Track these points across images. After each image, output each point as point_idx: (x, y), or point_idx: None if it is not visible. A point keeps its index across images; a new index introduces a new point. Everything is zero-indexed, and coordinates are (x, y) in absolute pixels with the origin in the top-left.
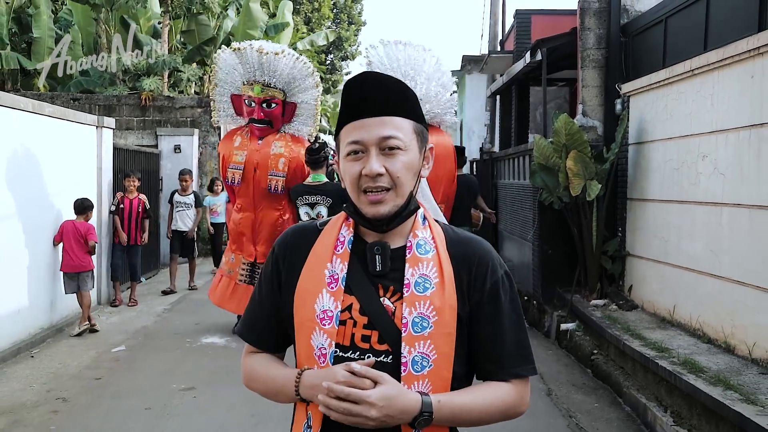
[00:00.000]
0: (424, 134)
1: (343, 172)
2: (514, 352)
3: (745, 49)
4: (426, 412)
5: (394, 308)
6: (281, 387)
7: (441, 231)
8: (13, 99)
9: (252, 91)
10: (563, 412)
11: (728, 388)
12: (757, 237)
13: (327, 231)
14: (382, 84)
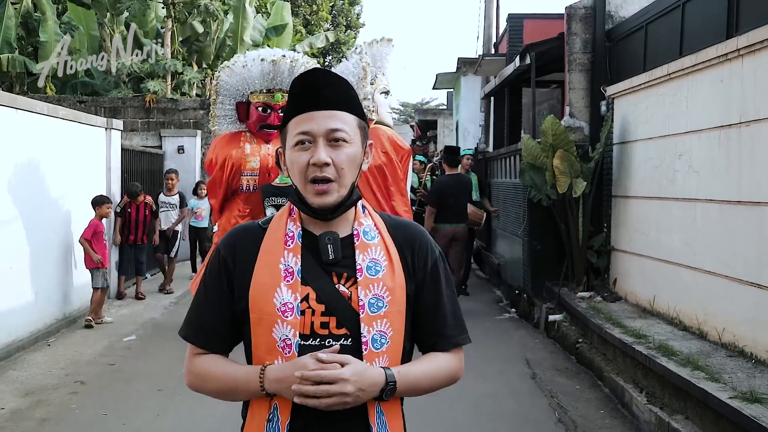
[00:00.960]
0: (365, 130)
1: (290, 162)
2: (453, 324)
3: (715, 55)
4: (390, 382)
5: (350, 293)
6: (241, 384)
7: (380, 218)
8: (29, 102)
9: (272, 99)
10: (546, 394)
11: (696, 369)
12: (727, 230)
13: (273, 228)
14: (331, 80)
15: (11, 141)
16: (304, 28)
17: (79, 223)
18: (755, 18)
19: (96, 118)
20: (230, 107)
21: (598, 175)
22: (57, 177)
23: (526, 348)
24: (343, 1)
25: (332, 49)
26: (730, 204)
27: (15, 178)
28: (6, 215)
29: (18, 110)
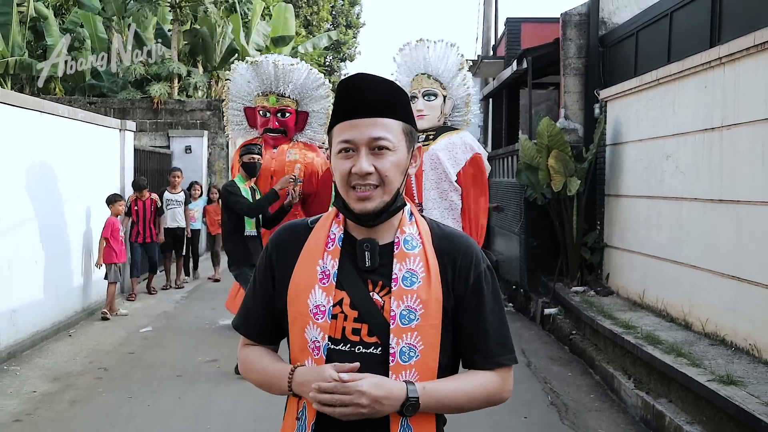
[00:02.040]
0: (412, 134)
1: (333, 168)
2: (496, 343)
3: (699, 62)
4: (412, 397)
5: (383, 302)
6: (274, 380)
7: (427, 227)
8: (52, 106)
9: (267, 101)
10: (540, 380)
11: (679, 356)
12: (709, 227)
13: (318, 228)
14: (375, 86)
15: (36, 142)
16: (304, 28)
17: (96, 220)
18: (736, 28)
19: (111, 119)
20: (239, 112)
21: (591, 175)
22: (76, 176)
23: (522, 339)
24: (344, 2)
25: (333, 49)
26: (712, 202)
27: (39, 177)
28: (30, 212)
29: (42, 113)
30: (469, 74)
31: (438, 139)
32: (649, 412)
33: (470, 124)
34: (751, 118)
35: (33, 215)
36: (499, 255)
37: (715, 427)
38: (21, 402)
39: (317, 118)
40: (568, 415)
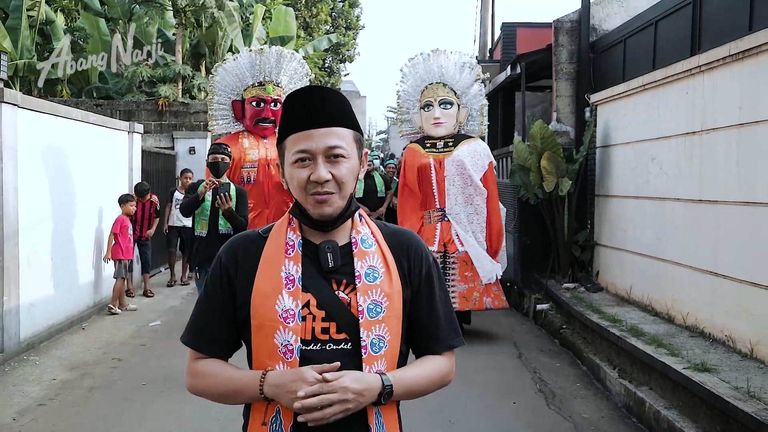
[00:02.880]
0: (361, 141)
1: (289, 177)
2: (447, 327)
3: (681, 70)
4: (387, 386)
5: (349, 299)
6: (241, 388)
7: (376, 226)
8: (66, 110)
9: (264, 91)
10: (530, 370)
11: (660, 346)
12: (690, 226)
13: (274, 236)
14: (327, 97)
15: (52, 145)
16: (303, 30)
17: (106, 219)
18: (714, 38)
19: (120, 122)
20: (226, 107)
21: (582, 176)
22: (88, 177)
23: (514, 332)
24: (343, 3)
25: (332, 51)
26: (693, 202)
27: (55, 178)
28: (47, 212)
29: (57, 117)
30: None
31: (459, 145)
32: (631, 399)
33: (484, 132)
34: (727, 123)
35: (49, 214)
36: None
37: (690, 411)
38: (42, 388)
39: None
40: (555, 401)
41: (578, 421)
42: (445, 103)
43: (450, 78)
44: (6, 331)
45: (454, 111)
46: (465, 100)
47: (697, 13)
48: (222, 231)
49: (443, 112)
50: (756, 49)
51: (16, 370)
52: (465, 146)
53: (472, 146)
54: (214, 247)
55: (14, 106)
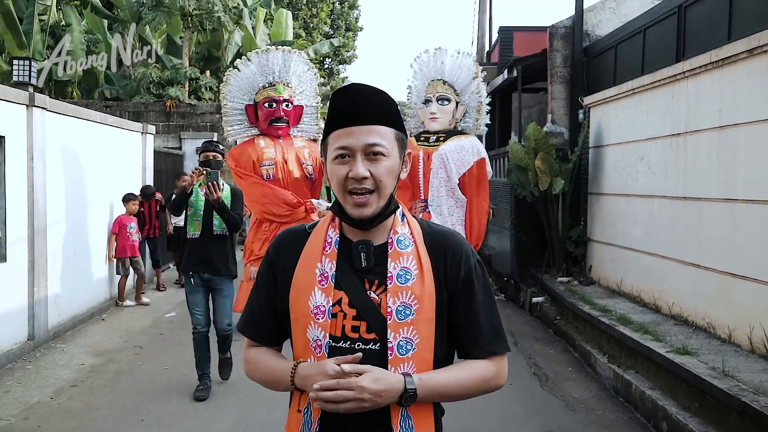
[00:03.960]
0: (404, 141)
1: (330, 174)
2: (488, 333)
3: (667, 75)
4: (410, 388)
5: (380, 300)
6: (279, 377)
7: (418, 226)
8: (87, 112)
9: (274, 91)
10: (525, 356)
11: (646, 333)
12: (675, 221)
13: (315, 233)
14: (369, 96)
15: (75, 145)
16: (304, 31)
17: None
18: (697, 46)
19: (134, 123)
20: (240, 111)
21: (576, 175)
22: (106, 176)
23: (510, 323)
24: (342, 5)
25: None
26: (678, 199)
27: (77, 177)
28: (70, 209)
29: (79, 119)
30: (482, 83)
31: (448, 140)
32: (619, 381)
33: (480, 129)
34: (708, 126)
35: (72, 211)
36: (492, 249)
37: (671, 391)
38: (73, 372)
39: (309, 113)
40: (548, 384)
41: (569, 400)
42: (443, 99)
43: (450, 75)
44: (36, 320)
45: (451, 107)
46: (464, 97)
47: (681, 22)
48: (217, 232)
49: (440, 107)
50: (734, 58)
51: (46, 356)
52: (453, 142)
53: (460, 142)
54: (209, 249)
55: (43, 110)
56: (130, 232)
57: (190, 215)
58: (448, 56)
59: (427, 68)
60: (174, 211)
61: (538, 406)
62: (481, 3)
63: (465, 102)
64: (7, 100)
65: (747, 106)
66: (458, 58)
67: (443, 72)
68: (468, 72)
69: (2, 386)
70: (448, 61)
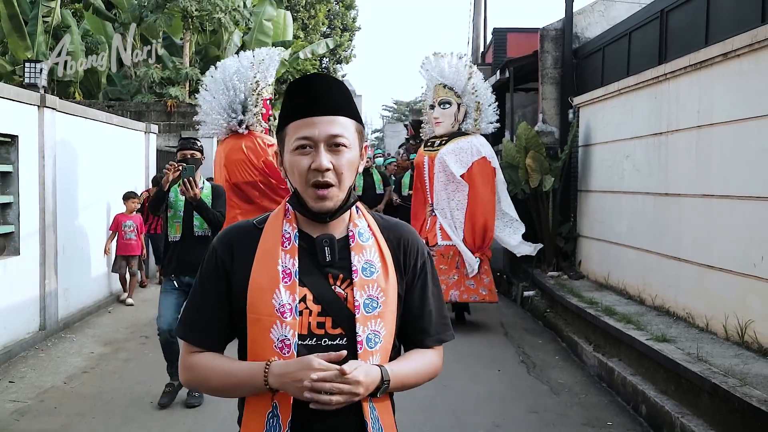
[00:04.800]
0: (362, 133)
1: (289, 165)
2: (438, 322)
3: (650, 77)
4: (386, 380)
5: (346, 294)
6: (243, 380)
7: (373, 219)
8: (94, 112)
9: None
10: (514, 345)
11: (629, 323)
12: (658, 216)
13: (269, 228)
14: (330, 86)
15: (82, 144)
16: (302, 31)
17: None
18: (677, 49)
19: (137, 123)
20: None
21: (566, 173)
22: (111, 173)
23: (502, 315)
24: (339, 6)
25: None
26: (660, 196)
27: (84, 174)
28: (77, 205)
29: (86, 119)
30: (478, 82)
31: (449, 143)
32: (603, 369)
33: (480, 128)
34: (688, 125)
35: (79, 207)
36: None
37: (651, 376)
38: (83, 360)
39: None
40: (535, 370)
41: (554, 385)
42: (444, 103)
43: (448, 79)
44: (47, 311)
45: (452, 110)
46: (464, 99)
47: (663, 27)
48: (198, 233)
49: (441, 111)
50: (710, 61)
51: (57, 345)
52: (453, 144)
53: (459, 143)
54: (191, 252)
55: (53, 110)
56: (125, 230)
57: (170, 217)
58: (446, 60)
59: (430, 73)
60: (152, 211)
61: (525, 390)
62: (476, 4)
63: (465, 103)
64: (19, 101)
65: (722, 106)
66: (453, 61)
67: (443, 76)
68: (463, 74)
69: (18, 372)
70: (446, 65)
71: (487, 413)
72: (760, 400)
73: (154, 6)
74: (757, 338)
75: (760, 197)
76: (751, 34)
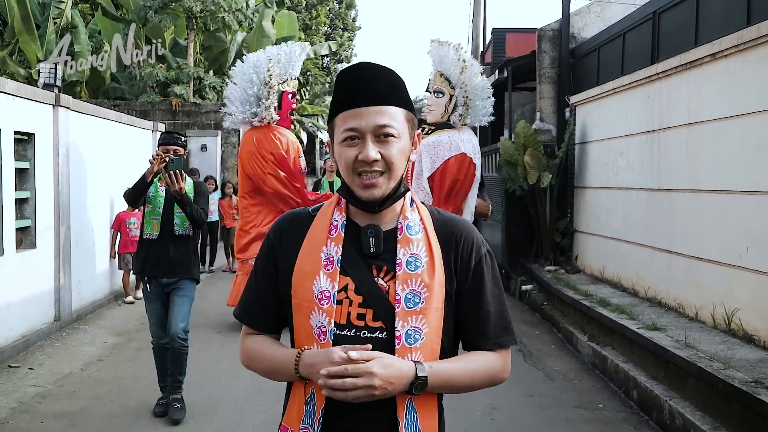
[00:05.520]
0: (413, 122)
1: (338, 156)
2: (496, 325)
3: (644, 76)
4: (421, 376)
5: (388, 287)
6: (281, 366)
7: (428, 213)
8: (104, 111)
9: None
10: None
11: (622, 313)
12: (650, 211)
13: (320, 216)
14: (377, 74)
15: (93, 142)
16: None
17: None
18: (669, 49)
19: (145, 122)
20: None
21: (563, 170)
22: (119, 170)
23: None
24: (340, 6)
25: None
26: (652, 191)
27: (95, 171)
28: (89, 201)
29: (97, 118)
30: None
31: (432, 134)
32: (597, 357)
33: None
34: (678, 123)
35: (90, 203)
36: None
37: (642, 363)
38: (98, 349)
39: None
40: (531, 359)
41: (549, 372)
42: (437, 92)
43: (445, 68)
44: (61, 303)
45: (444, 101)
46: (457, 91)
47: (656, 28)
48: (179, 232)
49: (435, 100)
50: (699, 61)
51: (71, 336)
52: (434, 136)
53: (439, 137)
54: (170, 251)
55: (67, 109)
56: (130, 228)
57: (147, 213)
58: (445, 49)
59: (432, 59)
60: (130, 202)
61: (521, 376)
62: (476, 4)
63: (457, 96)
64: (36, 100)
65: (710, 105)
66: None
67: (441, 63)
68: (455, 64)
69: (36, 360)
70: (445, 54)
71: (485, 397)
72: (742, 381)
73: (159, 6)
74: (743, 326)
75: (746, 191)
76: (737, 35)
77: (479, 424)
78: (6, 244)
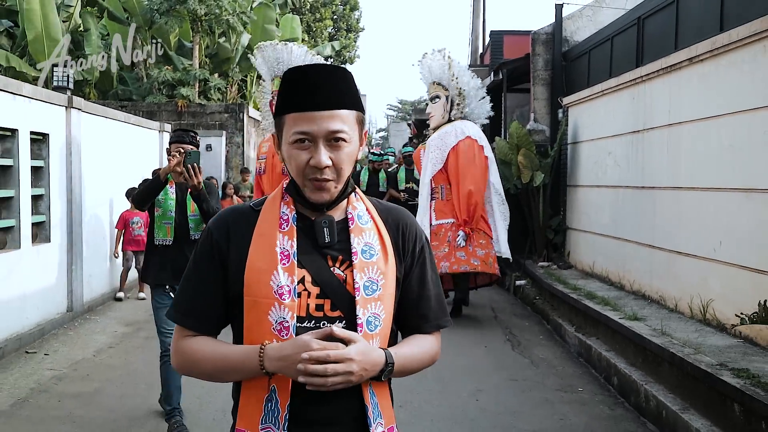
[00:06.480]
0: (362, 120)
1: (287, 156)
2: (437, 307)
3: (630, 79)
4: (390, 363)
5: (345, 276)
6: (238, 364)
7: (370, 203)
8: (114, 112)
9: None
10: (502, 326)
11: (606, 305)
12: (636, 208)
13: (266, 210)
14: (330, 77)
15: (103, 142)
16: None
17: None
18: (653, 53)
19: (152, 122)
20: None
21: (555, 169)
22: (128, 169)
23: (493, 301)
24: (344, 7)
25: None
26: (637, 189)
27: (106, 169)
28: (99, 199)
29: (107, 118)
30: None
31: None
32: (582, 347)
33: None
34: (660, 123)
35: (101, 201)
36: None
37: (623, 351)
38: (108, 337)
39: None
40: (519, 347)
41: (535, 359)
42: (434, 98)
43: (436, 75)
44: (74, 294)
45: (441, 103)
46: (450, 89)
47: (640, 32)
48: (194, 236)
49: (433, 106)
50: (678, 65)
51: (83, 325)
52: (439, 130)
53: (444, 129)
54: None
55: (79, 111)
56: (133, 227)
57: (158, 217)
58: (430, 58)
59: (424, 74)
60: (139, 204)
61: (507, 363)
62: (475, 7)
63: (451, 93)
64: (50, 102)
65: (688, 106)
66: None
67: (432, 73)
68: (444, 65)
69: (51, 347)
70: (432, 62)
71: (471, 381)
72: (708, 364)
73: (164, 9)
74: (716, 315)
75: (719, 188)
76: (711, 41)
77: (464, 405)
78: (23, 238)
